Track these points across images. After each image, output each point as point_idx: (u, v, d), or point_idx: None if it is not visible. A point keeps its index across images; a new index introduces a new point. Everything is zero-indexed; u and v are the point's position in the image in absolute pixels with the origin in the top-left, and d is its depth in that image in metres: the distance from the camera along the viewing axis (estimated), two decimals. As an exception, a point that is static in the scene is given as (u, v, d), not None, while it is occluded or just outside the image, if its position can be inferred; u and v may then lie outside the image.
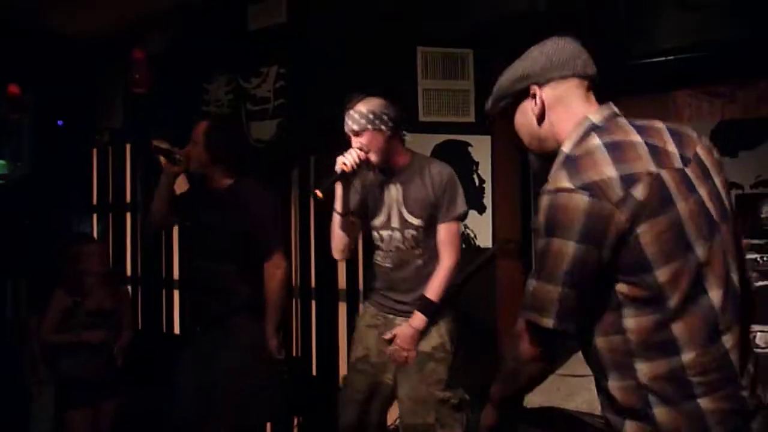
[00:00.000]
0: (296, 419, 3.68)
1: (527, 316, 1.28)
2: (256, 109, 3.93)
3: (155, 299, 4.46)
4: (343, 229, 2.39)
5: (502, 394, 1.46)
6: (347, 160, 2.24)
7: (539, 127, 1.35)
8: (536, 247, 1.26)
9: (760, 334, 2.55)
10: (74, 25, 4.36)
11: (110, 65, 4.48)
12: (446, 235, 2.31)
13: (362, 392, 2.40)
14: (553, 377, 2.91)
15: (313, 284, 3.73)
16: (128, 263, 4.67)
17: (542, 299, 1.23)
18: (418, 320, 2.28)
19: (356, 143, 2.27)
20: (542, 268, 1.23)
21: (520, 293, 3.73)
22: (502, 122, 3.54)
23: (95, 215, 4.92)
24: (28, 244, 4.50)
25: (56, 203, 4.74)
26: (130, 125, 4.60)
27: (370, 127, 2.26)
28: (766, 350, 2.54)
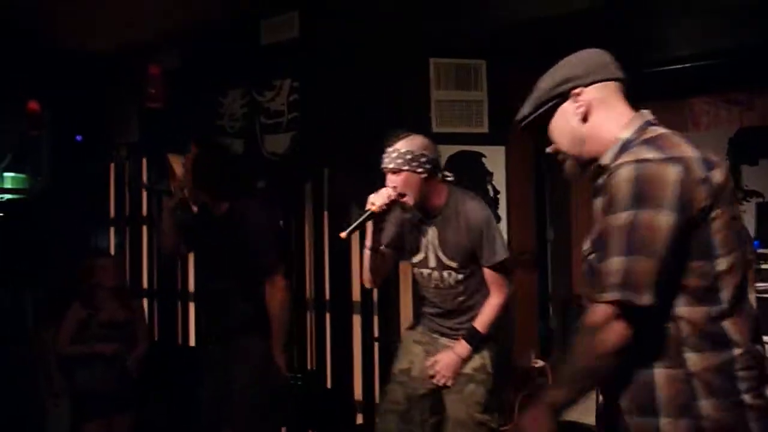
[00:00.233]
0: (311, 432, 3.66)
1: (619, 296, 1.16)
2: (270, 122, 3.95)
3: (171, 312, 4.48)
4: (373, 263, 2.35)
5: (567, 397, 1.25)
6: (377, 200, 2.17)
7: (582, 127, 1.33)
8: (612, 222, 1.18)
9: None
10: (91, 42, 4.43)
11: (126, 81, 4.54)
12: (492, 277, 2.29)
13: (400, 404, 2.40)
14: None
15: (327, 297, 3.71)
16: (144, 276, 4.70)
17: (638, 275, 1.15)
18: (462, 349, 2.29)
19: (391, 182, 2.21)
20: (632, 242, 1.15)
21: (535, 303, 3.68)
22: (518, 132, 3.52)
23: (112, 228, 4.97)
24: (47, 257, 4.55)
25: (74, 217, 4.79)
26: (146, 140, 4.65)
27: (406, 168, 2.19)
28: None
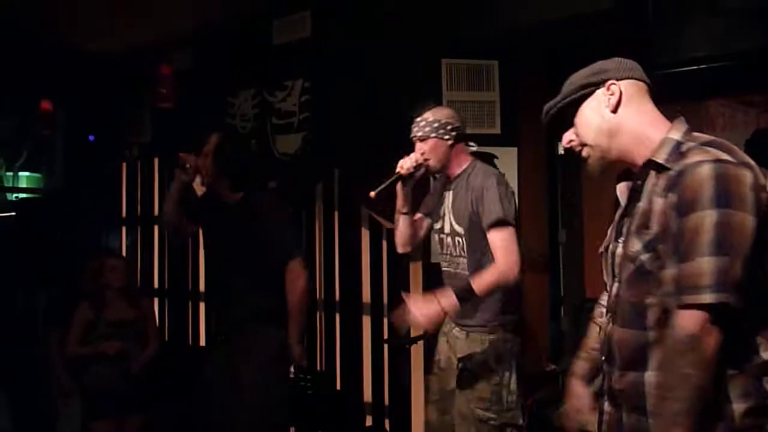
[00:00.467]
0: (320, 434, 3.65)
1: (714, 298, 1.12)
2: (281, 122, 3.95)
3: (182, 312, 4.49)
4: (406, 226, 2.47)
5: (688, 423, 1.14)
6: (405, 163, 2.31)
7: (612, 118, 1.33)
8: (697, 221, 1.14)
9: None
10: (104, 42, 4.45)
11: (139, 81, 4.56)
12: (494, 242, 2.20)
13: (436, 394, 2.46)
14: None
15: (337, 298, 3.71)
16: (156, 276, 4.71)
17: (731, 276, 1.12)
18: (447, 301, 2.14)
19: (419, 149, 2.35)
20: (724, 241, 1.12)
21: (547, 306, 3.62)
22: (530, 132, 3.48)
23: (124, 228, 4.99)
24: (59, 256, 4.58)
25: (86, 216, 4.82)
26: (158, 140, 4.67)
27: (433, 135, 2.33)
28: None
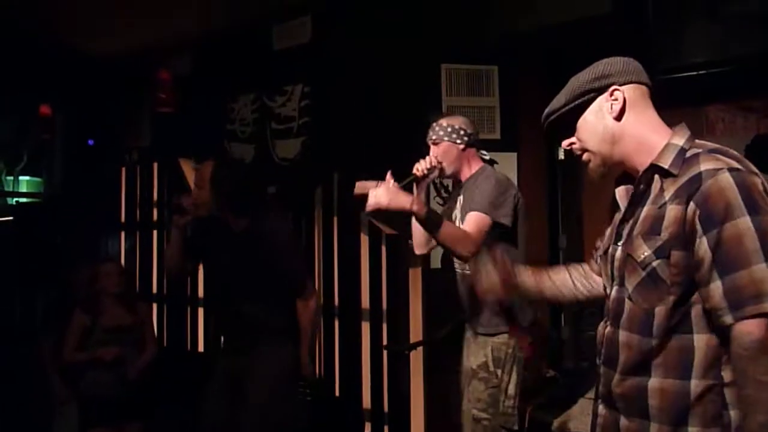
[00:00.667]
0: (319, 441, 3.63)
1: None
2: (281, 127, 3.95)
3: (180, 317, 4.48)
4: (421, 229, 2.44)
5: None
6: (420, 165, 2.39)
7: (615, 125, 1.32)
8: (734, 230, 1.14)
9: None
10: (104, 46, 4.46)
11: (138, 86, 4.56)
12: (466, 223, 2.26)
13: (461, 395, 2.52)
14: (583, 401, 2.82)
15: (336, 303, 3.69)
16: (154, 281, 4.70)
17: None
18: (405, 196, 2.16)
19: (433, 153, 2.44)
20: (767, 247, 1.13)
21: (547, 312, 3.58)
22: (530, 137, 3.47)
23: (123, 233, 4.98)
24: (58, 261, 4.57)
25: (85, 221, 4.81)
26: (157, 144, 4.67)
27: (446, 139, 2.43)
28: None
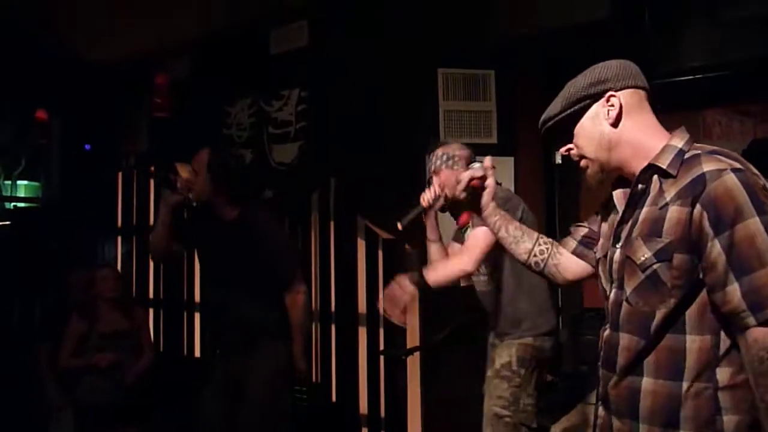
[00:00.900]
0: (316, 446, 3.61)
1: None
2: (277, 132, 3.94)
3: (177, 322, 4.46)
4: (437, 253, 2.64)
5: None
6: (425, 196, 2.51)
7: (612, 131, 1.32)
8: (746, 231, 1.13)
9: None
10: (101, 51, 4.45)
11: (135, 90, 4.55)
12: (469, 239, 2.42)
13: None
14: (582, 406, 2.81)
15: (333, 308, 3.68)
16: (151, 286, 4.68)
17: None
18: (405, 282, 2.43)
19: (435, 182, 2.55)
20: None
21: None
22: (527, 142, 3.47)
23: (119, 238, 4.96)
24: (55, 265, 4.55)
25: (82, 225, 4.80)
26: (154, 149, 4.65)
27: (444, 167, 2.54)
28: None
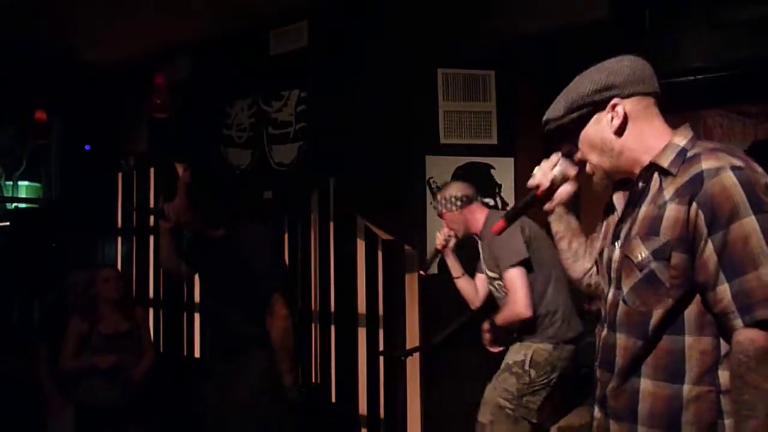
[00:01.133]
0: (315, 447, 3.60)
1: None
2: (277, 132, 3.94)
3: (177, 323, 4.45)
4: (466, 287, 2.90)
5: None
6: (438, 239, 2.82)
7: (616, 140, 1.28)
8: (742, 231, 1.11)
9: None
10: (101, 52, 4.45)
11: (135, 91, 4.54)
12: (506, 282, 2.59)
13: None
14: (581, 408, 2.81)
15: (332, 309, 3.67)
16: (151, 286, 4.68)
17: None
18: (484, 325, 2.70)
19: (443, 224, 2.81)
20: None
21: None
22: (527, 142, 3.46)
23: (119, 239, 4.96)
24: (54, 267, 4.54)
25: (82, 226, 4.79)
26: (154, 150, 4.65)
27: (445, 209, 2.77)
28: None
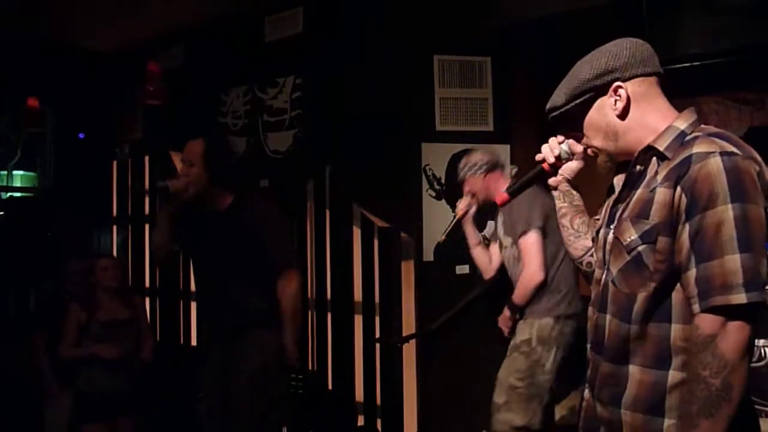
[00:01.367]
0: (312, 434, 3.62)
1: (749, 297, 1.08)
2: (272, 120, 3.92)
3: (173, 311, 4.45)
4: (481, 256, 2.96)
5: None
6: (459, 206, 2.83)
7: (620, 123, 1.29)
8: (716, 217, 1.11)
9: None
10: (95, 39, 4.41)
11: (130, 79, 4.51)
12: (521, 250, 2.67)
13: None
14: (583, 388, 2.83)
15: (328, 296, 3.68)
16: (147, 274, 4.67)
17: (755, 272, 1.09)
18: (504, 312, 2.75)
19: (464, 191, 2.83)
20: (748, 237, 1.09)
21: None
22: (523, 129, 3.45)
23: (115, 227, 4.95)
24: (49, 255, 4.53)
25: (77, 215, 4.78)
26: (149, 138, 4.63)
27: (467, 175, 2.79)
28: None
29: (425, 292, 3.27)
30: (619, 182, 1.37)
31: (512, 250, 2.76)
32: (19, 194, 5.52)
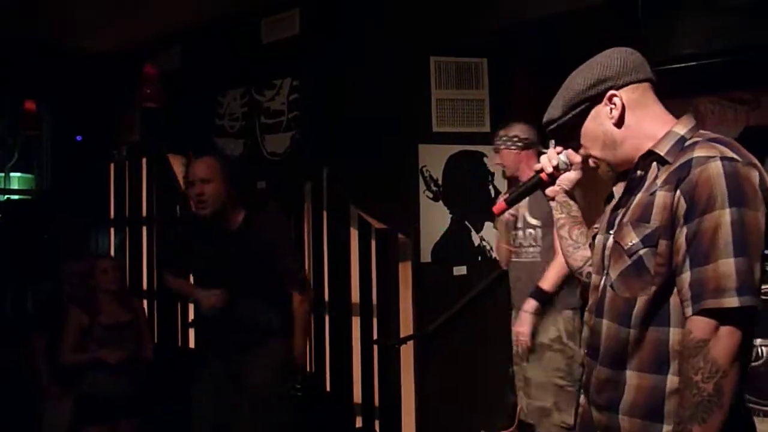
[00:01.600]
0: (310, 436, 3.62)
1: (742, 302, 1.09)
2: (270, 122, 3.92)
3: (171, 313, 4.45)
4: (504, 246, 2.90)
5: None
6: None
7: (617, 131, 1.30)
8: (712, 221, 1.11)
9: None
10: (92, 41, 4.40)
11: (127, 81, 4.51)
12: (556, 243, 2.55)
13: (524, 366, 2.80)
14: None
15: (326, 298, 3.68)
16: (144, 277, 4.67)
17: (749, 277, 1.10)
18: (529, 305, 2.64)
19: (498, 159, 2.84)
20: (743, 242, 1.10)
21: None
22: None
23: (112, 229, 4.94)
24: (47, 258, 4.52)
25: (75, 217, 4.77)
26: (146, 140, 4.62)
27: (503, 146, 2.77)
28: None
29: (423, 293, 3.27)
30: (618, 191, 1.38)
31: (529, 231, 2.75)
32: (16, 196, 5.52)
